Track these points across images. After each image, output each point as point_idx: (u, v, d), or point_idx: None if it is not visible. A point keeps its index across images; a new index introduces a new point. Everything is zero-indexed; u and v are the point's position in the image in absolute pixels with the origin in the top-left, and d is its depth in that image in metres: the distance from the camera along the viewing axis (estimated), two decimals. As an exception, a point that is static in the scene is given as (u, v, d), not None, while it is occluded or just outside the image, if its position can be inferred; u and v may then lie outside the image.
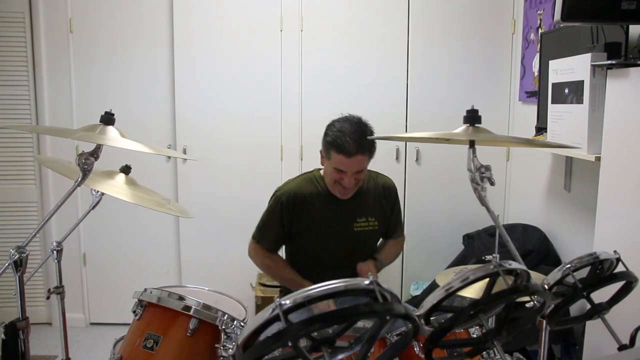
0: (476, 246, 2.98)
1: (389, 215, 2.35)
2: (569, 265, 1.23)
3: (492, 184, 1.20)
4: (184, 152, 3.49)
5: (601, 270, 1.29)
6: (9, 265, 1.47)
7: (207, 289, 2.17)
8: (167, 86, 3.50)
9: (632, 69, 1.77)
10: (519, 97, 3.37)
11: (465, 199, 3.36)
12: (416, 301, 3.14)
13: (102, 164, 1.60)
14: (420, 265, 3.53)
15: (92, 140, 1.46)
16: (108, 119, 1.54)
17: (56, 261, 1.89)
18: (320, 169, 2.31)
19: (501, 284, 1.10)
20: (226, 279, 3.51)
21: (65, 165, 1.90)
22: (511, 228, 3.00)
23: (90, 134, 1.47)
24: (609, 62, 1.90)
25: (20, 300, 1.48)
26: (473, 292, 1.46)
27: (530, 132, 2.89)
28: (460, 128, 1.22)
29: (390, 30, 3.41)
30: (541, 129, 2.70)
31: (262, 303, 3.20)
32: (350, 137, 2.02)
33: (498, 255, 2.00)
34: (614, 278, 1.24)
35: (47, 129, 1.95)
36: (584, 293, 1.24)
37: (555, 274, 1.24)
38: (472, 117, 1.20)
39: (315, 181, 2.26)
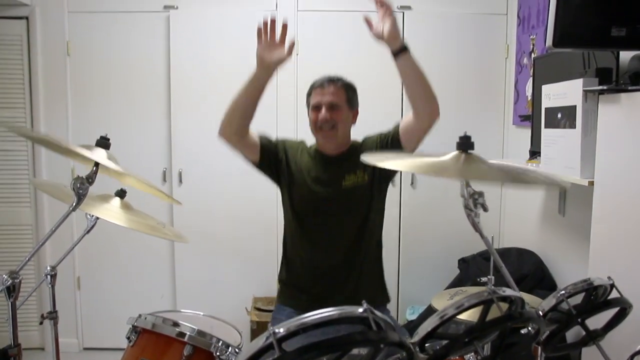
0: (472, 270, 2.97)
1: (381, 151, 2.14)
2: (563, 292, 1.23)
3: (485, 210, 1.21)
4: (180, 175, 3.50)
5: (595, 296, 1.29)
6: (1, 291, 1.45)
7: (202, 313, 2.15)
8: (163, 109, 3.53)
9: (623, 95, 1.80)
10: (513, 121, 3.40)
11: (460, 223, 3.33)
12: (412, 326, 3.12)
13: (97, 187, 1.61)
14: (416, 290, 3.52)
15: (88, 156, 1.46)
16: (104, 143, 1.55)
17: (50, 286, 1.87)
18: None
19: (496, 310, 1.10)
20: (221, 303, 3.49)
21: (61, 189, 1.90)
22: (506, 252, 2.99)
23: (86, 150, 1.48)
24: (601, 87, 1.92)
25: (13, 327, 1.47)
26: (468, 314, 1.46)
27: (524, 156, 2.91)
28: (453, 154, 1.23)
29: (385, 54, 3.44)
30: (535, 152, 2.72)
31: (257, 328, 3.18)
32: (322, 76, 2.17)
33: (493, 278, 2.00)
34: (609, 304, 1.24)
35: (43, 139, 1.94)
36: (579, 319, 1.23)
37: (550, 300, 1.24)
38: (465, 144, 1.21)
39: (305, 144, 2.29)
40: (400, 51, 1.92)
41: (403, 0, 3.40)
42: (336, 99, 2.11)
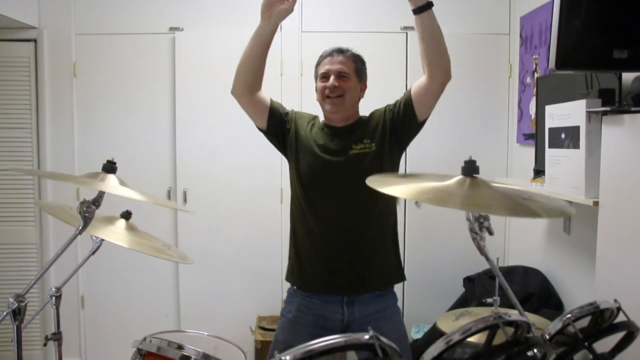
0: (477, 289, 2.96)
1: (392, 120, 2.09)
2: (569, 315, 1.22)
3: (491, 233, 1.21)
4: (184, 195, 3.51)
5: (602, 319, 1.28)
6: (7, 314, 1.45)
7: (206, 333, 2.14)
8: (168, 129, 3.55)
9: (626, 116, 1.80)
10: (517, 140, 3.41)
11: (465, 241, 3.32)
12: (417, 345, 3.11)
13: (103, 208, 1.61)
14: (421, 308, 3.50)
15: (92, 186, 1.47)
16: (110, 167, 1.56)
17: (54, 307, 1.87)
18: None
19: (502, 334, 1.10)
20: (225, 322, 3.49)
21: (66, 211, 1.91)
22: (511, 270, 2.98)
23: (91, 181, 1.49)
24: (604, 108, 1.93)
25: (18, 350, 1.46)
26: (475, 336, 1.45)
27: (528, 174, 2.91)
28: (458, 178, 1.23)
29: (389, 74, 3.47)
30: (539, 171, 2.73)
31: (261, 347, 3.17)
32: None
33: (498, 299, 2.00)
34: (615, 328, 1.24)
35: (50, 174, 1.97)
36: (586, 343, 1.23)
37: (556, 324, 1.24)
38: (470, 169, 1.21)
39: (318, 119, 2.22)
40: (425, 7, 1.90)
41: (406, 21, 3.43)
42: (345, 67, 2.08)
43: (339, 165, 2.05)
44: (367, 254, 2.05)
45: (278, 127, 2.14)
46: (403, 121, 2.06)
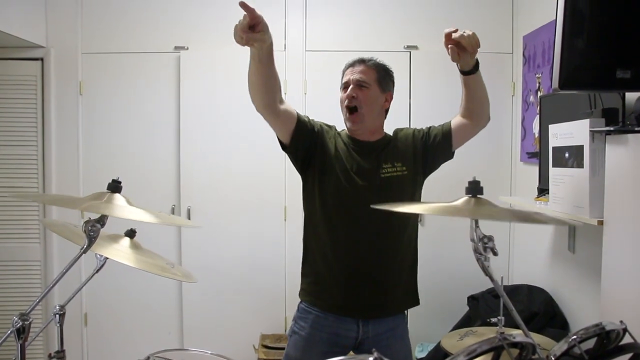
0: (481, 308, 2.95)
1: (425, 147, 2.10)
2: (574, 337, 1.22)
3: (495, 254, 1.21)
4: (188, 212, 3.52)
5: (608, 340, 1.27)
6: (11, 332, 1.45)
7: (209, 352, 2.13)
8: (172, 148, 3.57)
9: (629, 135, 1.80)
10: (521, 158, 3.41)
11: (469, 260, 3.32)
12: (422, 364, 3.08)
13: (107, 226, 1.61)
14: (425, 327, 3.47)
15: (98, 210, 1.47)
16: (115, 187, 1.56)
17: (58, 325, 1.86)
18: None
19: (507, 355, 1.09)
20: (228, 340, 3.47)
21: (71, 229, 1.91)
22: (516, 289, 2.97)
23: (96, 204, 1.49)
24: (607, 128, 1.93)
25: (21, 369, 1.46)
26: (479, 357, 1.44)
27: (532, 193, 2.91)
28: (462, 199, 1.24)
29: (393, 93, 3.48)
30: (543, 190, 2.72)
31: (264, 366, 3.15)
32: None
33: (503, 318, 1.99)
34: (622, 350, 1.23)
35: (54, 199, 1.98)
36: (592, 365, 1.22)
37: (562, 345, 1.23)
38: (474, 189, 1.22)
39: (336, 129, 2.17)
40: (473, 69, 1.96)
41: (410, 40, 3.45)
42: (364, 77, 2.05)
43: (370, 190, 1.99)
44: (391, 280, 2.04)
45: (304, 143, 2.04)
46: (437, 150, 2.10)
